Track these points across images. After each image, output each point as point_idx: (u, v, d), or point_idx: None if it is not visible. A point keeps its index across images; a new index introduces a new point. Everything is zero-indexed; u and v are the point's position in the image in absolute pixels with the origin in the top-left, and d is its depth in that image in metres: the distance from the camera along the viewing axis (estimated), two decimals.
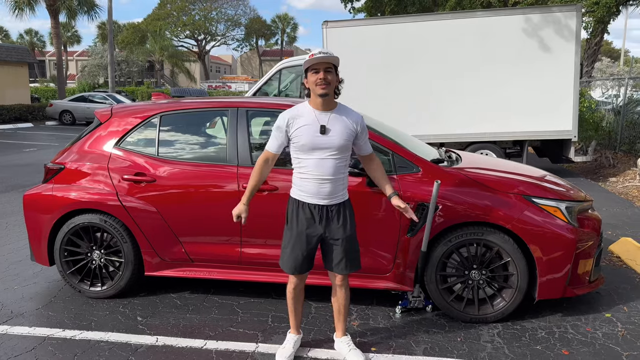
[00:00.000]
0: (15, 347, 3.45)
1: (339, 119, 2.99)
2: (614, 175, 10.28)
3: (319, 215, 3.02)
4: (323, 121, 2.95)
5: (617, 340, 3.51)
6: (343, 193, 3.09)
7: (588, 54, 16.43)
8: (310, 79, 2.94)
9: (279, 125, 2.99)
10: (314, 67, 2.92)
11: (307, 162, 2.98)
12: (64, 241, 4.20)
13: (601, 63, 37.87)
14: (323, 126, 2.94)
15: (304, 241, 3.03)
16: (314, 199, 3.01)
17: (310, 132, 2.93)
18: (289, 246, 3.07)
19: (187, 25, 53.78)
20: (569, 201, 3.81)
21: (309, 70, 2.94)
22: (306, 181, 3.00)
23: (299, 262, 3.06)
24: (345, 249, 3.07)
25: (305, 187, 3.01)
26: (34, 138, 17.88)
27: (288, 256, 3.08)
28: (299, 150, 2.98)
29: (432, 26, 9.65)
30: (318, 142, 2.94)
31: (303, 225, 3.03)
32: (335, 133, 2.95)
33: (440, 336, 3.58)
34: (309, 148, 2.95)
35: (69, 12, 29.75)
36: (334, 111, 3.01)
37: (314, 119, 2.96)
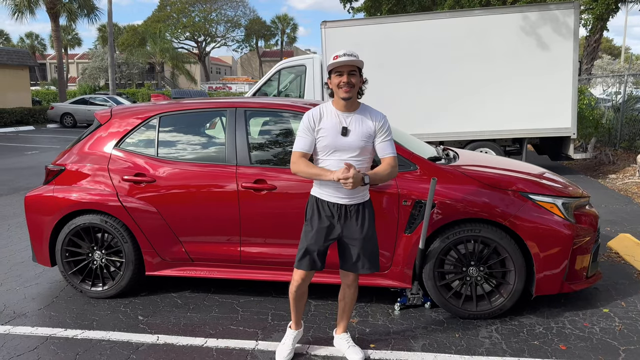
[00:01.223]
0: (17, 346, 3.48)
1: (361, 120, 2.99)
2: (614, 172, 10.30)
3: (337, 213, 3.01)
4: (345, 122, 2.96)
5: (615, 335, 3.53)
6: (364, 194, 3.08)
7: (587, 51, 16.43)
8: (334, 81, 2.93)
9: (306, 125, 2.97)
10: (337, 70, 2.91)
11: (328, 162, 2.98)
12: (65, 242, 4.23)
13: (602, 60, 37.85)
14: (345, 127, 2.95)
15: (322, 238, 3.02)
16: (332, 198, 3.01)
17: (333, 133, 2.94)
18: (307, 242, 3.03)
19: (187, 27, 53.90)
20: (566, 197, 3.84)
21: (333, 72, 2.94)
22: (324, 182, 2.99)
23: (315, 258, 3.04)
24: (362, 250, 3.05)
25: (326, 186, 3.00)
26: (35, 141, 17.94)
27: (304, 254, 3.04)
28: (321, 151, 2.98)
29: (430, 25, 9.67)
30: (339, 144, 2.94)
31: (323, 222, 3.02)
32: (355, 134, 2.95)
33: (439, 332, 3.61)
34: (331, 149, 2.95)
35: (69, 15, 29.81)
36: (357, 112, 3.01)
37: (336, 120, 2.96)
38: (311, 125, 2.97)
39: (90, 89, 37.97)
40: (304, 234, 3.07)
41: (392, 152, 3.03)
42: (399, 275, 3.87)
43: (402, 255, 3.82)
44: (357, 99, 3.04)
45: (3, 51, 25.52)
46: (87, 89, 37.47)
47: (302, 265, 3.05)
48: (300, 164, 2.97)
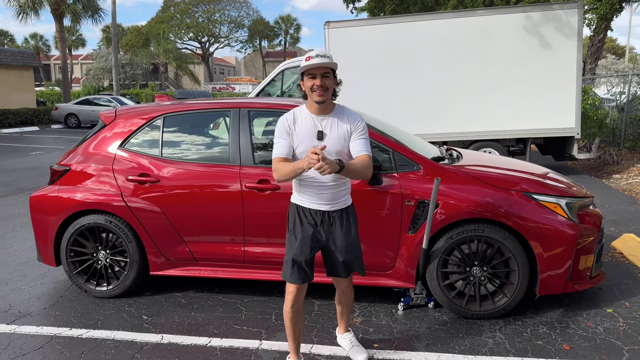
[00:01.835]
0: (23, 345, 3.50)
1: (337, 123, 2.85)
2: (618, 172, 10.27)
3: (320, 220, 2.90)
4: (320, 126, 2.82)
5: (619, 335, 3.53)
6: (345, 199, 2.96)
7: (591, 51, 16.38)
8: (307, 83, 2.78)
9: (281, 129, 2.82)
10: (310, 72, 2.76)
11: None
12: (70, 242, 4.26)
13: (606, 60, 37.73)
14: (320, 132, 2.81)
15: (308, 247, 2.89)
16: (314, 204, 2.89)
17: (308, 137, 2.80)
18: (293, 253, 2.89)
19: (191, 27, 54.03)
20: (569, 197, 3.84)
21: (305, 74, 2.78)
22: (306, 187, 2.88)
23: (303, 269, 2.88)
24: (348, 256, 2.96)
25: (305, 193, 2.89)
26: (40, 141, 18.02)
27: (291, 265, 2.89)
28: (298, 157, 2.83)
29: (433, 25, 9.67)
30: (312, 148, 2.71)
31: (306, 230, 2.89)
32: (332, 138, 2.81)
33: (442, 332, 3.61)
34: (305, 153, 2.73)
35: (73, 16, 29.90)
36: (332, 114, 2.87)
37: (311, 124, 2.82)
38: (286, 129, 2.82)
39: (94, 90, 38.07)
40: (289, 245, 2.93)
41: (366, 151, 2.84)
42: (402, 275, 3.87)
43: (405, 255, 3.82)
44: (331, 101, 2.89)
45: (7, 52, 25.65)
46: (91, 90, 37.58)
47: (294, 278, 2.89)
48: (280, 168, 2.77)
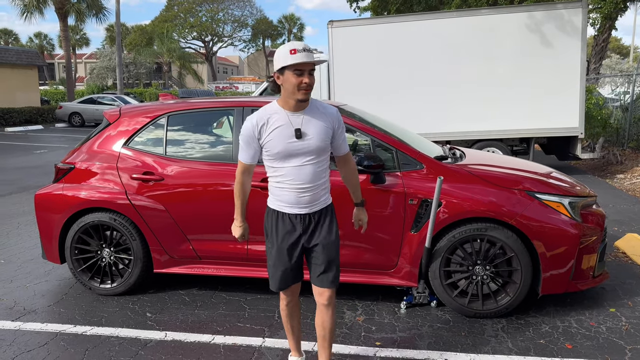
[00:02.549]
0: (28, 342, 3.53)
1: (314, 119, 2.62)
2: (622, 172, 10.25)
3: (300, 224, 2.68)
4: (297, 124, 2.58)
5: (621, 335, 3.53)
6: (325, 198, 2.75)
7: (595, 50, 16.33)
8: (291, 79, 2.50)
9: (246, 134, 2.59)
10: (298, 68, 2.49)
11: (283, 170, 2.61)
12: (75, 239, 4.28)
13: (610, 60, 37.61)
14: (298, 129, 2.57)
15: (287, 255, 2.70)
16: (293, 209, 2.67)
17: (284, 137, 2.55)
18: (273, 262, 2.74)
19: (194, 26, 54.10)
20: (572, 197, 3.84)
21: (290, 69, 2.49)
22: (284, 190, 2.64)
23: (285, 277, 2.75)
24: (329, 257, 2.72)
25: (284, 197, 2.66)
26: (44, 140, 18.09)
27: (273, 274, 2.76)
28: (273, 159, 2.60)
29: (436, 25, 9.67)
30: (294, 148, 2.56)
31: (285, 237, 2.69)
32: (311, 135, 2.59)
33: (445, 331, 3.62)
34: (284, 156, 2.57)
35: (77, 15, 30.01)
36: (307, 110, 2.62)
37: (286, 122, 2.57)
38: (254, 134, 2.58)
39: (98, 89, 38.21)
40: (268, 253, 2.77)
41: (347, 148, 2.81)
42: (405, 274, 3.88)
43: (408, 254, 3.83)
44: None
45: (12, 51, 25.75)
46: (95, 89, 37.72)
47: (282, 284, 2.77)
48: (237, 183, 2.74)
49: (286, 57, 2.49)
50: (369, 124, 4.16)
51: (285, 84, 2.54)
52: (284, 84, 2.55)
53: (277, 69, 2.54)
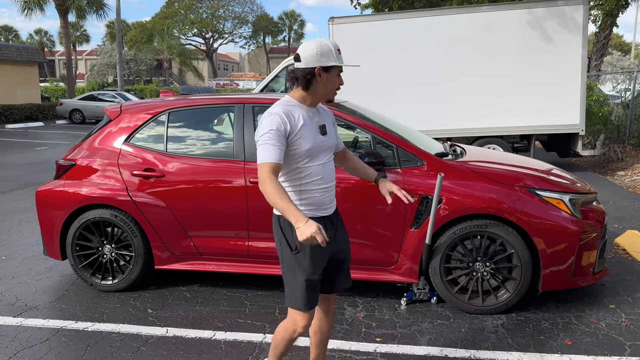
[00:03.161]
0: (30, 338, 3.54)
1: (324, 116, 2.56)
2: (622, 168, 10.25)
3: (326, 228, 2.50)
4: (318, 120, 2.49)
5: (621, 331, 3.54)
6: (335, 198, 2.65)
7: (597, 47, 16.33)
8: (334, 80, 2.41)
9: (276, 128, 2.30)
10: (341, 70, 2.42)
11: (311, 169, 2.44)
12: (76, 236, 4.29)
13: (611, 57, 37.55)
14: (323, 126, 2.50)
15: (321, 261, 2.47)
16: (318, 212, 2.49)
17: (312, 133, 2.42)
18: (306, 274, 2.41)
19: (195, 23, 54.04)
20: (573, 193, 3.84)
21: (337, 69, 2.40)
22: (310, 192, 2.46)
23: (317, 291, 2.49)
24: (348, 261, 2.67)
25: (310, 200, 2.46)
26: (45, 137, 18.10)
27: (305, 289, 2.42)
28: (302, 157, 2.41)
29: (437, 21, 9.66)
30: (321, 145, 2.46)
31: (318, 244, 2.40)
32: (330, 131, 2.55)
33: (445, 327, 3.63)
34: (313, 152, 2.43)
35: (78, 11, 30.00)
36: (317, 107, 2.53)
37: (308, 117, 2.44)
38: (285, 128, 2.33)
39: (99, 86, 38.20)
40: (298, 266, 2.42)
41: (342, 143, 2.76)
42: (405, 270, 3.89)
43: (408, 251, 3.84)
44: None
45: (12, 48, 25.74)
46: (96, 86, 37.70)
47: (312, 303, 2.47)
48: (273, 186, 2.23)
49: (337, 56, 2.38)
50: (369, 120, 4.16)
51: (327, 82, 2.39)
52: (324, 82, 2.39)
53: (325, 65, 2.35)
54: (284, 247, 2.45)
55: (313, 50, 2.34)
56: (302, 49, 2.38)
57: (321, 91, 2.41)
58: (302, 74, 2.36)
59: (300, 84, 2.38)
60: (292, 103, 2.42)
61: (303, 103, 2.44)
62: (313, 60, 2.34)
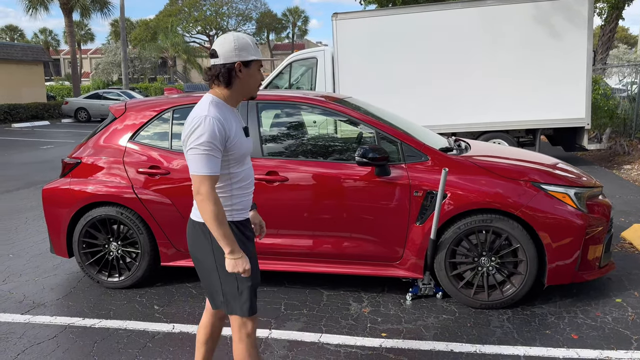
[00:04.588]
0: (37, 335, 3.57)
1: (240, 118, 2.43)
2: (629, 162, 10.19)
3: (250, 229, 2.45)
4: (241, 121, 2.37)
5: (627, 325, 3.53)
6: None
7: (602, 40, 16.20)
8: (256, 75, 2.30)
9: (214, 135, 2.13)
10: (261, 64, 2.32)
11: (243, 174, 2.34)
12: (82, 233, 4.32)
13: (617, 50, 37.25)
14: (246, 127, 2.37)
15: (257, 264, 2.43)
16: (245, 214, 2.39)
17: (241, 136, 2.29)
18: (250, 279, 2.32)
19: (199, 20, 54.02)
20: (578, 187, 3.83)
21: (257, 63, 2.29)
22: (240, 197, 2.35)
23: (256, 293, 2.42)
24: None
25: (241, 204, 2.35)
26: (51, 135, 18.18)
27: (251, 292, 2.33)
28: (236, 163, 2.29)
29: (442, 16, 9.61)
30: (248, 147, 2.34)
31: (250, 246, 2.40)
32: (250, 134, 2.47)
33: (450, 322, 3.63)
34: (244, 156, 2.33)
35: (82, 10, 30.08)
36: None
37: (237, 120, 2.31)
38: (223, 134, 2.17)
39: (104, 84, 38.29)
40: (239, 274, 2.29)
41: None
42: (410, 265, 3.89)
43: (413, 246, 3.84)
44: None
45: (18, 47, 25.86)
46: (101, 84, 37.80)
47: (255, 306, 2.38)
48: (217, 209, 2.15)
49: (256, 50, 2.27)
50: (373, 116, 4.16)
51: (249, 78, 2.28)
52: (246, 78, 2.27)
53: (245, 59, 2.23)
54: (219, 255, 2.26)
55: (231, 44, 2.22)
56: (218, 44, 2.25)
57: (243, 87, 2.29)
58: (222, 70, 2.22)
59: (222, 81, 2.24)
60: (221, 104, 2.26)
61: (227, 102, 2.29)
62: (232, 55, 2.21)
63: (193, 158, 2.14)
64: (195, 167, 2.14)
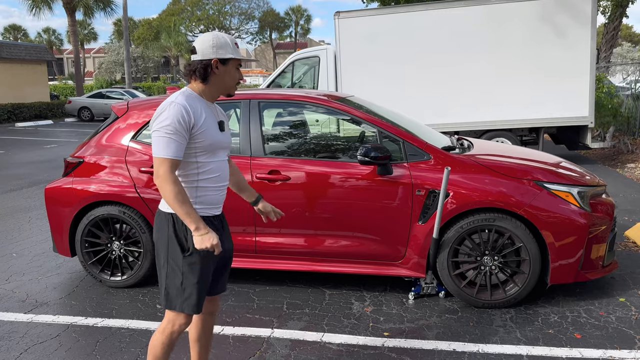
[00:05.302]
0: (40, 334, 3.58)
1: (220, 112, 2.49)
2: (632, 161, 10.15)
3: (219, 227, 2.44)
4: (217, 116, 2.42)
5: (631, 324, 3.51)
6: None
7: (606, 38, 16.14)
8: (233, 73, 2.36)
9: (177, 120, 2.19)
10: (240, 63, 2.38)
11: (211, 165, 2.36)
12: (85, 233, 4.32)
13: (621, 48, 37.13)
14: (222, 122, 2.42)
15: (212, 265, 2.40)
16: (212, 210, 2.41)
17: (214, 128, 2.34)
18: (197, 278, 2.32)
19: (202, 20, 54.07)
20: (581, 186, 3.81)
21: (235, 61, 2.35)
22: (206, 190, 2.37)
23: (205, 293, 2.41)
24: (230, 263, 2.60)
25: (208, 198, 2.38)
26: (54, 135, 18.22)
27: (196, 291, 2.32)
28: (203, 152, 2.32)
29: (445, 14, 9.59)
30: (221, 141, 2.39)
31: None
32: (227, 130, 2.48)
33: (453, 321, 3.62)
34: (214, 148, 2.36)
35: (85, 9, 30.15)
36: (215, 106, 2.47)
37: (210, 112, 2.36)
38: (188, 121, 2.22)
39: (107, 83, 38.37)
40: (189, 268, 2.31)
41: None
42: (413, 264, 3.88)
43: (415, 245, 3.83)
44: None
45: (21, 46, 25.92)
46: (104, 83, 37.87)
47: (199, 306, 2.37)
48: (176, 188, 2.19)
49: (234, 49, 2.34)
50: (375, 115, 4.15)
51: (226, 75, 2.35)
52: (222, 75, 2.34)
53: (222, 58, 2.31)
54: (173, 247, 2.31)
55: (209, 42, 2.30)
56: (198, 41, 2.35)
57: (219, 84, 2.36)
58: (199, 66, 2.31)
59: (199, 76, 2.32)
60: (193, 95, 2.33)
61: (202, 96, 2.36)
62: (209, 52, 2.29)
63: (155, 140, 2.21)
64: (157, 149, 2.21)
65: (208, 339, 2.66)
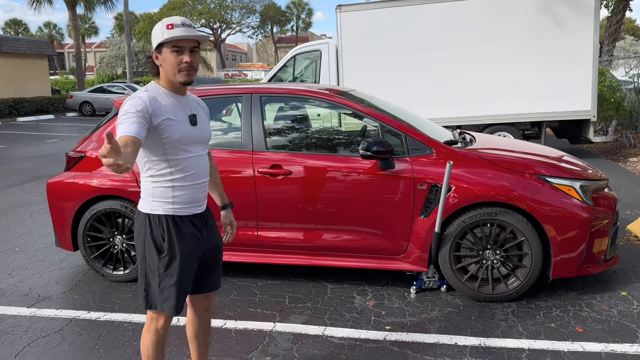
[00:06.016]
0: (43, 328, 3.59)
1: (196, 105, 2.40)
2: (635, 155, 10.12)
3: (200, 226, 2.38)
4: (188, 109, 2.32)
5: (633, 318, 3.51)
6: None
7: (609, 32, 16.07)
8: (170, 59, 2.20)
9: (138, 110, 2.10)
10: (176, 45, 2.18)
11: (185, 162, 2.28)
12: (87, 227, 4.33)
13: (624, 41, 36.93)
14: (194, 115, 2.31)
15: (192, 265, 2.34)
16: (192, 209, 2.34)
17: (182, 122, 2.25)
18: (176, 278, 2.28)
19: (203, 13, 53.89)
20: (584, 180, 3.80)
21: (167, 46, 2.19)
22: (183, 189, 2.29)
23: (186, 294, 2.37)
24: (221, 261, 2.55)
25: (183, 197, 2.29)
26: (56, 129, 18.23)
27: (174, 292, 2.29)
28: (173, 148, 2.23)
29: (447, 7, 9.54)
30: (193, 135, 2.29)
31: (189, 245, 2.31)
32: (202, 122, 2.37)
33: (455, 315, 3.63)
34: (186, 143, 2.26)
35: (86, 3, 30.09)
36: (187, 96, 2.37)
37: (177, 105, 2.27)
38: (146, 109, 2.13)
39: (108, 78, 38.34)
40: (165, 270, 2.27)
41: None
42: (414, 259, 3.88)
43: (417, 239, 3.83)
44: None
45: (22, 41, 25.87)
46: (105, 78, 37.85)
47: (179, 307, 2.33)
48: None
49: (163, 33, 2.18)
50: (377, 109, 4.14)
51: (164, 64, 2.23)
52: (163, 64, 2.24)
53: (155, 47, 2.22)
54: (149, 249, 2.28)
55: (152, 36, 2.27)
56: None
57: (167, 74, 2.25)
58: (148, 63, 2.30)
59: (150, 72, 2.30)
60: (159, 89, 2.27)
61: (167, 89, 2.28)
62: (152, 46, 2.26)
63: (117, 128, 2.09)
64: (118, 133, 2.05)
65: (206, 336, 2.64)
